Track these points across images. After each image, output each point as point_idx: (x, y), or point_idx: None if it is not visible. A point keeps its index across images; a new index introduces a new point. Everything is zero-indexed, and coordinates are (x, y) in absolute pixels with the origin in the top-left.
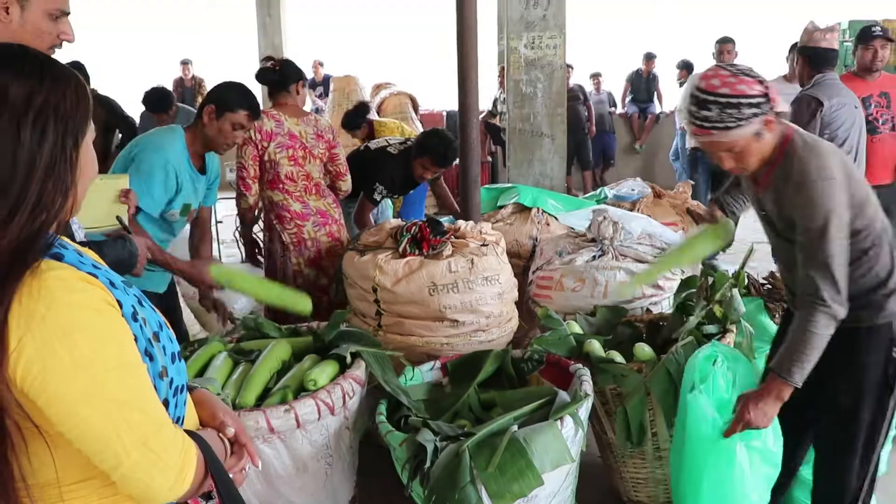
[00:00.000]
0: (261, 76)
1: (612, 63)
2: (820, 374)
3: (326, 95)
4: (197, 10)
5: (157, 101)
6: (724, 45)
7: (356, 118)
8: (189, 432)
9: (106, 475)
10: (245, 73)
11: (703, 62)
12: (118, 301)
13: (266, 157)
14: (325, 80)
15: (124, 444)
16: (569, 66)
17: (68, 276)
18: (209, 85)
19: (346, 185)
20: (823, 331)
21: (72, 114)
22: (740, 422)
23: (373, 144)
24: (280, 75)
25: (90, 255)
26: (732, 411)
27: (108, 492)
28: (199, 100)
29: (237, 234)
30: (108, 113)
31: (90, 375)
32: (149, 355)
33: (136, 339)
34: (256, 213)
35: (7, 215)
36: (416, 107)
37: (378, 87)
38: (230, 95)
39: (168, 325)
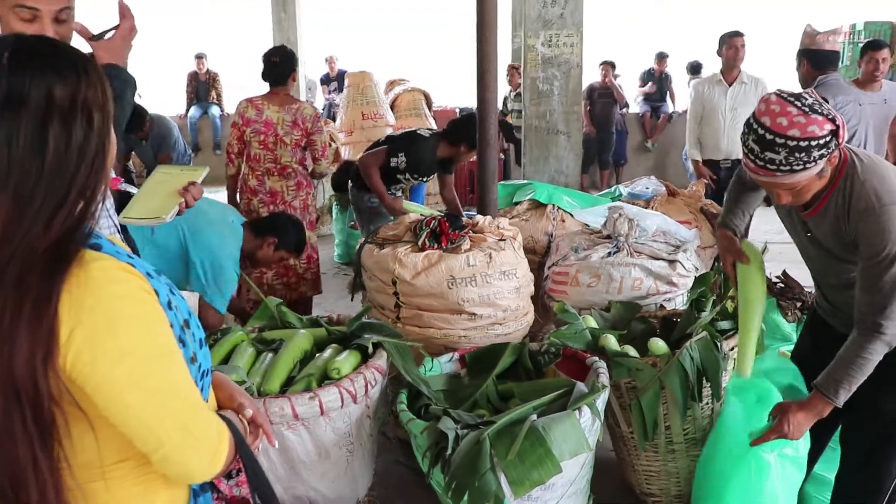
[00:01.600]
0: (267, 76)
1: (621, 60)
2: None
3: (341, 91)
4: (213, 5)
5: (130, 121)
6: (733, 40)
7: None
8: (219, 414)
9: (142, 455)
10: (259, 67)
11: (714, 61)
12: (155, 290)
13: (245, 138)
14: (340, 76)
15: (166, 429)
16: (610, 64)
17: (110, 265)
18: (224, 79)
19: (321, 168)
20: (877, 357)
21: (105, 103)
22: (776, 433)
23: (398, 133)
24: (280, 69)
25: (121, 244)
26: (768, 419)
27: (142, 471)
28: (213, 94)
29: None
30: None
31: (133, 363)
32: (181, 341)
33: (171, 326)
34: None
35: (54, 208)
36: (429, 103)
37: (392, 84)
38: (292, 239)
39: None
